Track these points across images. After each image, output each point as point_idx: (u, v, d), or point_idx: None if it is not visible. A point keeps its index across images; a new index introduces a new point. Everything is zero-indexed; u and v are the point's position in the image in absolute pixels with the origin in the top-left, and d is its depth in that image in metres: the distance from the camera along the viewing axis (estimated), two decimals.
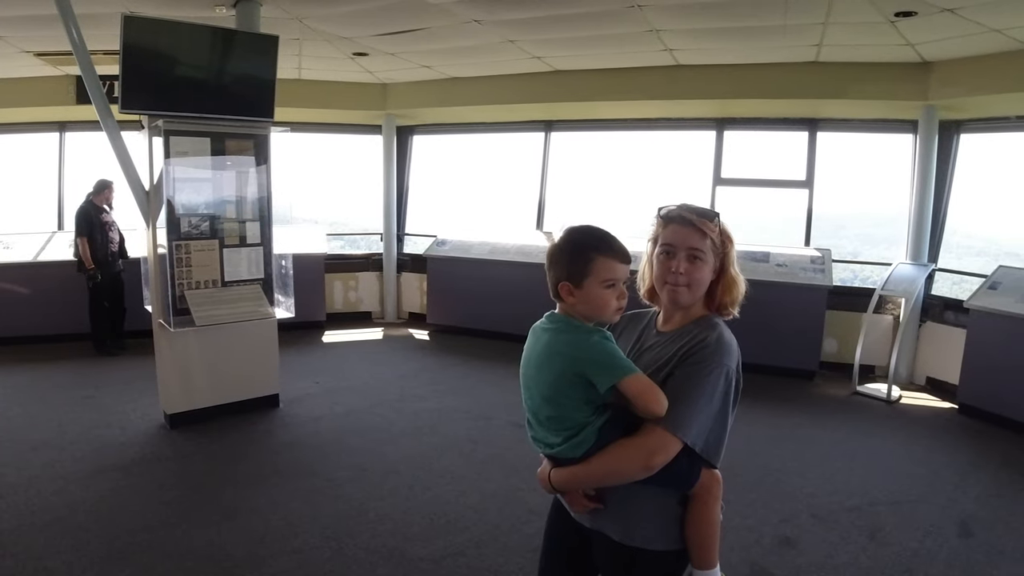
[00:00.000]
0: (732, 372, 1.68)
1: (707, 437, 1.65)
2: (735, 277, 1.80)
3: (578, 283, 1.68)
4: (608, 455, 1.66)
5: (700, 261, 1.73)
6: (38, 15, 5.29)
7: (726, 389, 1.67)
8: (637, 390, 1.61)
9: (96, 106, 4.75)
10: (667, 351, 1.75)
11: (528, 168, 9.02)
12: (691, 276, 1.73)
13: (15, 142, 8.74)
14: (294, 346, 7.36)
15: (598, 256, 1.67)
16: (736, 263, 1.81)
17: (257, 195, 5.46)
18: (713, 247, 1.74)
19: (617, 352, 1.66)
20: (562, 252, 1.71)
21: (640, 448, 1.62)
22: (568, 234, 1.74)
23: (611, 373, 1.61)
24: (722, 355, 1.67)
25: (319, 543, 3.60)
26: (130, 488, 4.21)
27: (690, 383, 1.65)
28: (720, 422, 1.68)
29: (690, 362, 1.68)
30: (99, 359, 7.15)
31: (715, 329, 1.73)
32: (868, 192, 8.47)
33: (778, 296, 6.84)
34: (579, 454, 1.69)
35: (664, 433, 1.61)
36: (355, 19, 5.70)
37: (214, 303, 5.19)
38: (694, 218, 1.73)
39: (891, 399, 6.22)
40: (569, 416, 1.68)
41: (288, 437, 5.15)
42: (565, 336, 1.69)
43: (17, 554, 3.42)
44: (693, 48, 6.41)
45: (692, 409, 1.62)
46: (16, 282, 7.59)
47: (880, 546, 3.67)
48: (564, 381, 1.66)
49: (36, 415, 5.43)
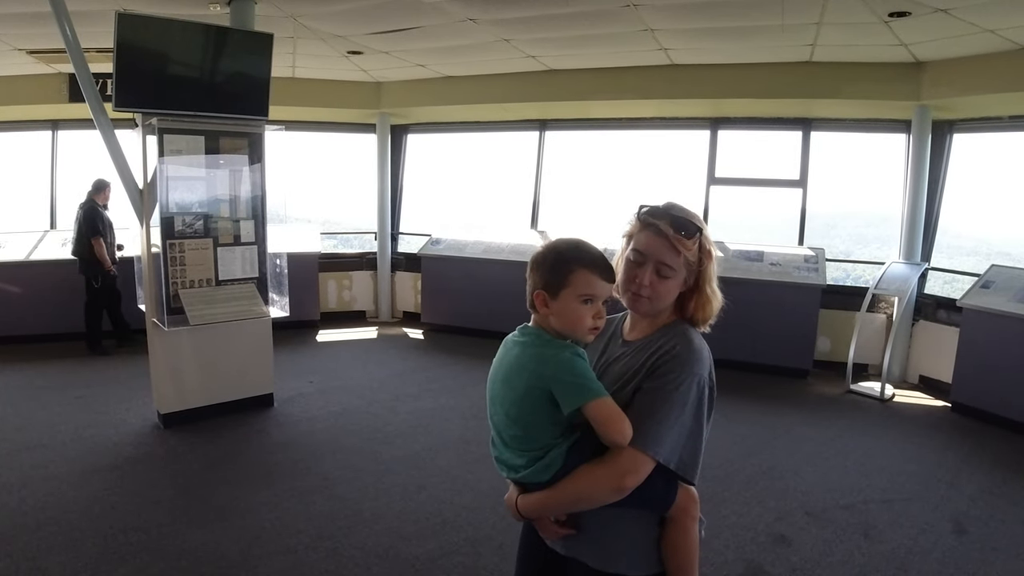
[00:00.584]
0: (704, 381, 1.59)
1: (681, 453, 1.56)
2: (710, 296, 1.69)
3: (554, 293, 1.59)
4: (577, 479, 1.57)
5: (668, 278, 1.63)
6: (31, 12, 5.25)
7: (698, 400, 1.57)
8: (602, 416, 1.51)
9: (90, 104, 4.72)
10: (634, 362, 1.65)
11: (522, 167, 9.02)
12: (655, 290, 1.63)
13: (7, 140, 8.68)
14: (288, 345, 7.35)
15: (579, 268, 1.59)
16: (715, 280, 1.70)
17: (251, 194, 5.44)
18: (687, 263, 1.64)
19: (587, 372, 1.56)
20: (544, 259, 1.63)
21: (610, 470, 1.52)
22: (553, 243, 1.67)
23: (577, 395, 1.51)
24: (692, 363, 1.58)
25: (314, 543, 3.60)
26: (124, 488, 4.19)
27: (660, 397, 1.55)
28: (694, 436, 1.58)
29: (659, 374, 1.58)
30: (90, 359, 7.10)
31: (684, 336, 1.64)
32: (860, 192, 8.51)
33: (772, 295, 6.88)
34: (546, 478, 1.60)
35: (635, 452, 1.51)
36: (349, 17, 5.69)
37: (208, 302, 5.17)
38: (670, 233, 1.61)
39: (884, 398, 6.25)
40: (535, 437, 1.59)
41: (282, 437, 5.14)
42: (534, 350, 1.59)
43: (11, 554, 3.40)
44: (687, 47, 6.42)
45: (663, 425, 1.53)
46: (8, 281, 7.53)
47: (874, 544, 3.69)
48: (531, 399, 1.56)
49: (28, 415, 5.39)
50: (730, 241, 7.59)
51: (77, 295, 7.37)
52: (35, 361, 6.95)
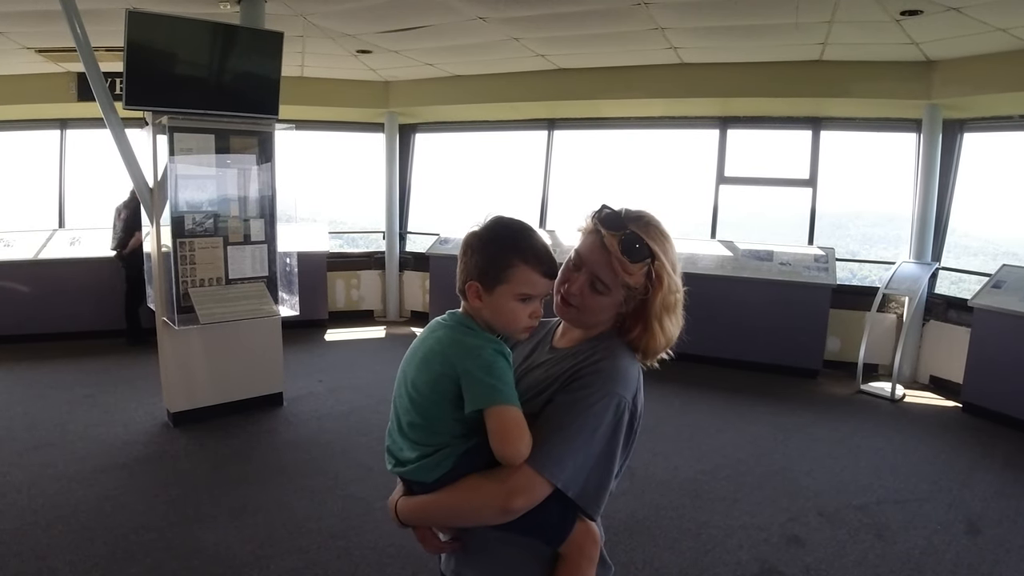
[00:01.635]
0: (625, 404, 1.37)
1: (585, 482, 1.35)
2: (656, 331, 1.45)
3: (490, 288, 1.43)
4: (461, 488, 1.38)
5: (601, 294, 1.43)
6: (40, 11, 5.26)
7: (614, 424, 1.36)
8: (500, 426, 1.33)
9: (100, 103, 4.72)
10: (554, 371, 1.46)
11: (531, 167, 9.00)
12: (584, 301, 1.44)
13: (15, 139, 8.69)
14: (297, 344, 7.35)
15: (521, 264, 1.41)
16: (668, 316, 1.45)
17: (261, 193, 5.44)
18: (626, 287, 1.42)
19: (505, 374, 1.37)
20: (481, 247, 1.44)
21: (500, 486, 1.32)
22: (492, 227, 1.46)
23: (483, 395, 1.34)
24: (614, 382, 1.37)
25: (326, 542, 3.59)
26: (134, 487, 4.19)
27: (570, 413, 1.36)
28: (603, 465, 1.37)
29: (574, 387, 1.39)
30: (99, 356, 7.09)
31: (613, 351, 1.43)
32: (869, 191, 8.46)
33: (782, 295, 6.87)
34: (431, 479, 1.41)
35: (530, 472, 1.31)
36: (359, 16, 5.69)
37: (218, 301, 5.16)
38: (614, 250, 1.40)
39: (895, 398, 6.22)
40: (433, 430, 1.42)
41: (293, 436, 5.14)
42: (457, 338, 1.43)
43: (21, 553, 3.40)
44: (697, 46, 6.40)
45: (568, 446, 1.33)
46: (17, 280, 7.55)
47: (888, 544, 3.67)
48: (440, 387, 1.39)
49: (37, 414, 5.40)
50: (740, 241, 7.57)
51: (85, 293, 7.41)
52: (44, 360, 6.96)
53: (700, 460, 4.74)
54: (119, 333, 7.54)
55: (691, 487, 4.33)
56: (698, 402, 5.99)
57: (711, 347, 6.94)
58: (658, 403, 5.64)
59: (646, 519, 3.89)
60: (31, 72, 7.47)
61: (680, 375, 6.53)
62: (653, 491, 4.25)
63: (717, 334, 6.94)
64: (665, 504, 4.09)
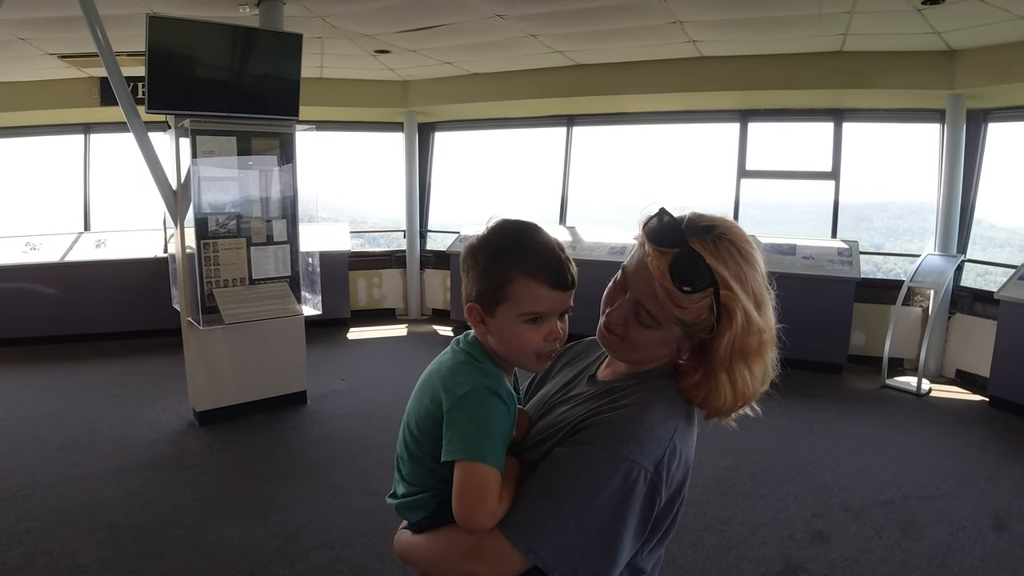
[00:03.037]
0: (642, 474, 1.07)
1: (577, 564, 1.06)
2: (722, 384, 1.13)
3: (490, 309, 1.20)
4: (437, 539, 1.22)
5: (648, 327, 1.14)
6: (62, 17, 5.33)
7: (623, 497, 1.06)
8: (460, 484, 1.13)
9: (123, 107, 4.78)
10: (578, 411, 1.20)
11: (550, 163, 9.00)
12: (628, 333, 1.16)
13: (40, 144, 8.83)
14: (319, 343, 7.40)
15: (520, 277, 1.16)
16: (743, 360, 1.13)
17: (283, 193, 5.49)
18: (683, 324, 1.12)
19: (491, 422, 1.14)
20: (475, 260, 1.22)
21: (470, 548, 1.13)
22: (486, 236, 1.23)
23: (456, 445, 1.14)
24: (624, 441, 1.08)
25: (351, 539, 3.62)
26: (161, 485, 4.25)
27: (563, 473, 1.09)
28: (605, 546, 1.07)
29: (576, 439, 1.13)
30: (125, 357, 7.18)
31: (649, 397, 1.14)
32: (893, 183, 8.34)
33: (805, 289, 6.78)
34: (413, 520, 1.30)
35: (499, 539, 1.09)
36: (377, 16, 5.71)
37: (242, 301, 5.22)
38: (661, 272, 1.09)
39: (921, 392, 6.14)
40: (419, 468, 1.26)
41: (317, 433, 5.19)
42: (452, 367, 1.23)
43: (51, 552, 3.46)
44: (717, 39, 6.36)
45: (554, 515, 1.07)
46: (45, 283, 7.68)
47: (914, 540, 3.63)
48: (425, 425, 1.23)
49: (64, 414, 5.49)
50: (762, 235, 7.50)
51: (111, 295, 7.60)
52: (71, 361, 7.07)
53: (723, 457, 4.71)
54: (145, 334, 7.66)
55: (714, 484, 4.31)
56: None
57: None
58: None
59: None
60: (54, 78, 7.58)
61: None
62: None
63: None
64: (688, 501, 3.98)
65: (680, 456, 1.13)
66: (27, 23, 5.58)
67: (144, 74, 4.68)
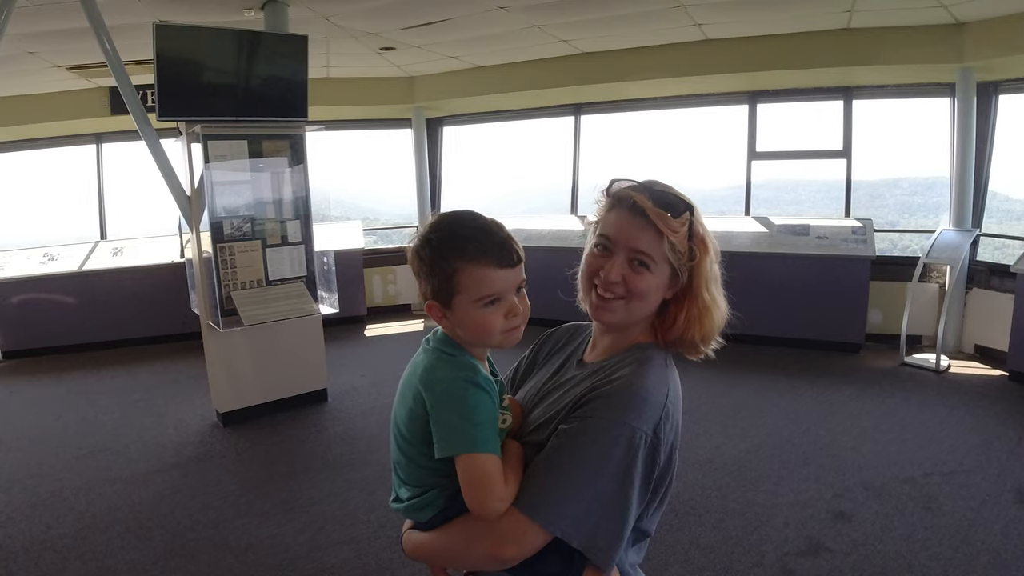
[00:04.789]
0: (642, 437, 1.15)
1: (593, 531, 1.14)
2: (709, 303, 1.26)
3: (446, 302, 1.24)
4: (454, 532, 1.24)
5: (647, 270, 1.23)
6: (69, 29, 5.39)
7: (627, 461, 1.14)
8: (468, 476, 1.16)
9: (134, 116, 4.83)
10: (573, 393, 1.26)
11: (560, 153, 8.99)
12: (630, 287, 1.24)
13: (53, 156, 8.92)
14: (338, 341, 7.47)
15: (463, 264, 1.19)
16: (716, 283, 1.28)
17: (295, 194, 5.53)
18: (673, 254, 1.23)
19: (475, 411, 1.18)
20: (420, 259, 1.24)
21: (490, 532, 1.17)
22: (428, 232, 1.24)
23: (448, 441, 1.17)
24: (625, 409, 1.16)
25: (376, 532, 3.67)
26: (188, 486, 4.33)
27: (570, 448, 1.16)
28: (616, 510, 1.15)
29: (578, 415, 1.19)
30: (147, 362, 7.27)
31: (637, 367, 1.23)
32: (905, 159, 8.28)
33: (820, 269, 6.78)
34: (423, 519, 1.30)
35: (519, 517, 1.14)
36: (380, 13, 5.73)
37: (259, 302, 5.28)
38: (649, 207, 1.21)
39: (940, 369, 6.11)
40: (417, 469, 1.28)
41: (339, 430, 5.24)
42: (428, 366, 1.27)
43: (82, 555, 3.54)
44: (722, 21, 6.32)
45: (567, 488, 1.14)
46: (64, 292, 7.79)
47: (936, 516, 3.63)
48: (413, 426, 1.25)
49: (90, 421, 5.58)
50: (774, 216, 7.48)
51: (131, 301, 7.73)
52: (94, 368, 7.18)
53: (743, 439, 4.73)
54: (165, 339, 7.76)
55: (735, 466, 4.33)
56: (739, 382, 5.96)
57: (750, 326, 6.86)
58: (699, 384, 5.63)
59: (691, 499, 3.90)
60: (64, 89, 7.67)
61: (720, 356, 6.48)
62: (696, 471, 4.26)
63: (756, 312, 6.82)
64: (709, 484, 4.09)
65: (672, 419, 1.21)
66: (35, 36, 5.64)
67: (153, 82, 4.72)
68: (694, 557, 3.34)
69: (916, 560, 3.25)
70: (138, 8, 5.11)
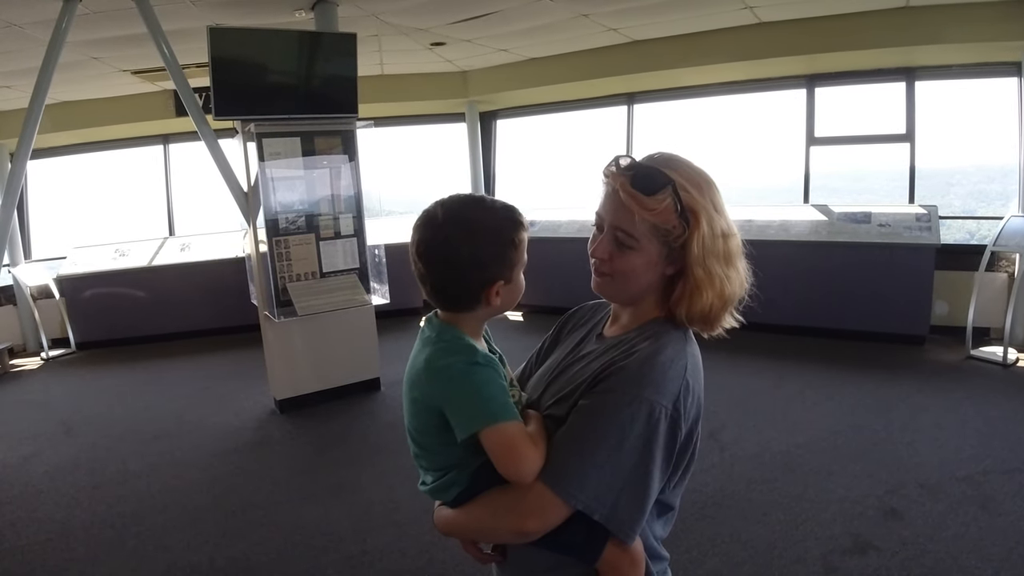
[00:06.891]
0: (661, 411, 1.16)
1: (615, 502, 1.16)
2: (702, 281, 1.23)
3: (508, 277, 1.29)
4: (478, 507, 1.28)
5: (630, 249, 1.24)
6: (129, 35, 5.61)
7: (648, 435, 1.16)
8: (497, 447, 1.19)
9: (192, 116, 5.05)
10: (593, 367, 1.29)
11: (614, 143, 8.91)
12: (614, 265, 1.27)
13: (124, 156, 9.33)
14: (391, 332, 7.58)
15: (522, 232, 1.28)
16: (717, 258, 1.24)
17: (348, 190, 5.67)
18: (657, 232, 1.22)
19: (487, 387, 1.22)
20: (475, 245, 1.25)
21: (514, 505, 1.21)
22: (464, 221, 1.26)
23: (470, 419, 1.20)
24: (645, 383, 1.17)
25: (418, 516, 3.74)
26: (243, 470, 4.52)
27: (591, 422, 1.19)
28: (638, 483, 1.17)
29: (598, 389, 1.21)
30: (211, 352, 7.58)
31: (653, 342, 1.24)
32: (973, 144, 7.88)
33: (882, 258, 6.55)
34: (449, 499, 1.34)
35: (544, 491, 1.17)
36: (427, 8, 5.79)
37: (314, 293, 5.44)
38: (621, 185, 1.23)
39: (1007, 362, 5.82)
40: (434, 455, 1.33)
41: (390, 418, 5.36)
42: (430, 356, 1.28)
43: (139, 534, 3.74)
44: (774, 3, 6.14)
45: (588, 461, 1.16)
46: (135, 286, 8.18)
47: (992, 516, 3.49)
48: (423, 417, 1.29)
49: (158, 408, 5.87)
50: (834, 204, 7.25)
51: (197, 295, 8.10)
52: (162, 358, 7.53)
53: (794, 433, 4.63)
54: (230, 330, 8.04)
55: (784, 460, 4.25)
56: (793, 374, 5.82)
57: (807, 317, 6.74)
58: (750, 376, 5.54)
59: (735, 492, 3.85)
60: (131, 93, 8.02)
61: (774, 347, 6.41)
62: (743, 464, 4.20)
63: (814, 303, 6.73)
64: (756, 477, 4.03)
65: (693, 393, 1.23)
66: (97, 43, 5.91)
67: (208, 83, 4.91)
68: (734, 551, 3.30)
69: (967, 561, 3.13)
70: (194, 13, 5.30)
